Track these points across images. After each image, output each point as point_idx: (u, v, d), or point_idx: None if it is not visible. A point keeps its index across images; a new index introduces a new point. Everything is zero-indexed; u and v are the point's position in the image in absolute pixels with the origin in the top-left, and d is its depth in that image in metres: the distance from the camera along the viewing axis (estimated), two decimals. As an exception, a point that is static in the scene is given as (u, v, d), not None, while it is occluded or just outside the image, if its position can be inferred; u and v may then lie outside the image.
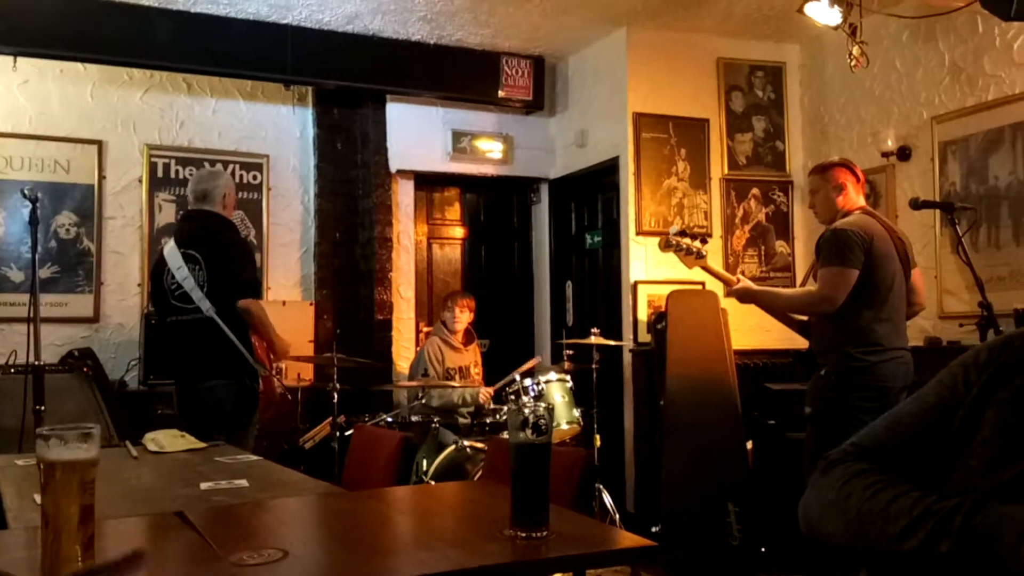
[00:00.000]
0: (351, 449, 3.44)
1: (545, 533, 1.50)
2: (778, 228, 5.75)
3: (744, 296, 3.74)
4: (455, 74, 5.85)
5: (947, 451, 1.22)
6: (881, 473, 1.23)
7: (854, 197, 3.61)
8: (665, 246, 3.68)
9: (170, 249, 4.00)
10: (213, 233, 3.99)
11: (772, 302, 3.80)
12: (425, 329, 5.96)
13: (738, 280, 3.78)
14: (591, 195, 6.14)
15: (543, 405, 1.54)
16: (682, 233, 3.68)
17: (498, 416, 4.67)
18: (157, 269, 4.07)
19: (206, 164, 5.55)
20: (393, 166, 5.92)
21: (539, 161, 6.38)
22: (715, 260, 5.43)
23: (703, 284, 5.27)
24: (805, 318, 3.74)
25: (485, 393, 5.10)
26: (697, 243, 3.68)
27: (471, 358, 5.36)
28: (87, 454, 1.24)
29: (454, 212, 6.55)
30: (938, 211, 4.52)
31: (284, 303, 5.60)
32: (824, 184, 3.63)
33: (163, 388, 4.94)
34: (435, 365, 5.16)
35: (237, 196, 4.75)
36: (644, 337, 5.32)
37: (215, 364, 3.86)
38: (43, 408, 3.65)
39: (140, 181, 5.44)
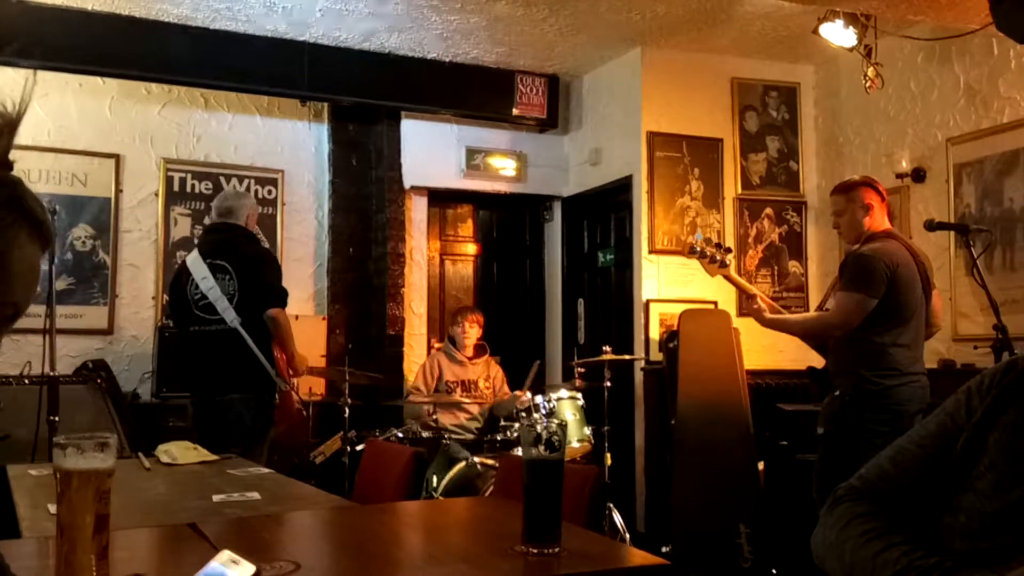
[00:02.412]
0: (362, 464, 3.44)
1: (557, 550, 1.50)
2: (791, 248, 5.74)
3: (758, 321, 3.73)
4: (470, 92, 5.89)
5: (950, 477, 1.24)
6: (879, 519, 1.27)
7: (880, 218, 3.57)
8: (690, 252, 3.69)
9: (194, 259, 4.01)
10: (241, 244, 4.02)
11: (785, 329, 3.80)
12: (436, 345, 5.97)
13: (757, 299, 3.73)
14: (604, 213, 6.15)
15: (556, 421, 1.54)
16: (707, 241, 3.69)
17: (508, 433, 4.67)
18: (179, 279, 4.07)
19: (222, 179, 5.60)
20: (407, 182, 5.95)
21: (552, 179, 6.40)
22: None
23: (715, 303, 5.26)
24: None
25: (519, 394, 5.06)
26: (721, 252, 3.68)
27: (480, 372, 5.35)
28: (103, 464, 1.25)
29: (467, 229, 6.57)
30: (953, 233, 4.50)
31: (297, 317, 5.58)
32: (850, 204, 3.58)
33: (176, 400, 4.96)
34: (425, 381, 5.17)
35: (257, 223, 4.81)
36: (656, 356, 5.31)
37: (236, 377, 3.87)
38: (57, 419, 3.67)
39: (156, 195, 5.49)
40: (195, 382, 4.04)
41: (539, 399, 4.64)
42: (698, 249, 3.66)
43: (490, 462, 4.15)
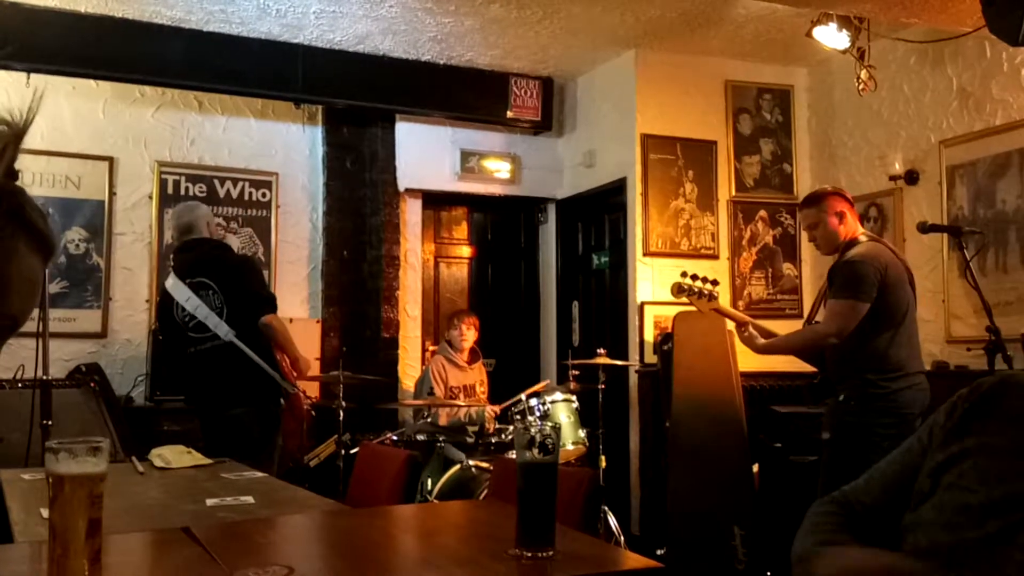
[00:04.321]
0: (356, 467, 3.43)
1: (551, 553, 1.50)
2: (785, 250, 5.75)
3: (748, 346, 3.73)
4: (464, 94, 5.89)
5: (911, 497, 1.28)
6: (836, 518, 1.35)
7: (853, 223, 3.60)
8: (678, 292, 3.68)
9: (173, 283, 3.96)
10: (217, 257, 3.98)
11: (781, 351, 3.80)
12: (431, 348, 5.97)
13: (749, 326, 3.74)
14: (598, 215, 6.15)
15: (550, 424, 1.54)
16: (693, 277, 3.69)
17: (504, 436, 4.67)
18: (164, 306, 4.03)
19: (216, 181, 5.59)
20: (401, 185, 5.95)
21: (547, 181, 6.40)
22: (723, 282, 5.44)
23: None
24: None
25: (490, 412, 5.09)
26: (708, 286, 3.69)
27: (476, 376, 5.36)
28: (96, 468, 1.24)
29: (461, 231, 6.57)
30: (946, 235, 4.52)
31: (291, 320, 5.58)
32: (822, 215, 3.60)
33: (169, 404, 4.95)
34: (439, 383, 5.17)
35: (219, 226, 4.79)
36: (650, 358, 5.31)
37: (239, 391, 3.83)
38: (50, 423, 3.65)
39: (150, 197, 5.47)
40: (201, 400, 4.02)
41: (534, 401, 4.64)
42: (686, 288, 3.67)
43: (484, 465, 4.15)
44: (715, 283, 3.73)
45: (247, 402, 3.84)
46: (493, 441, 4.60)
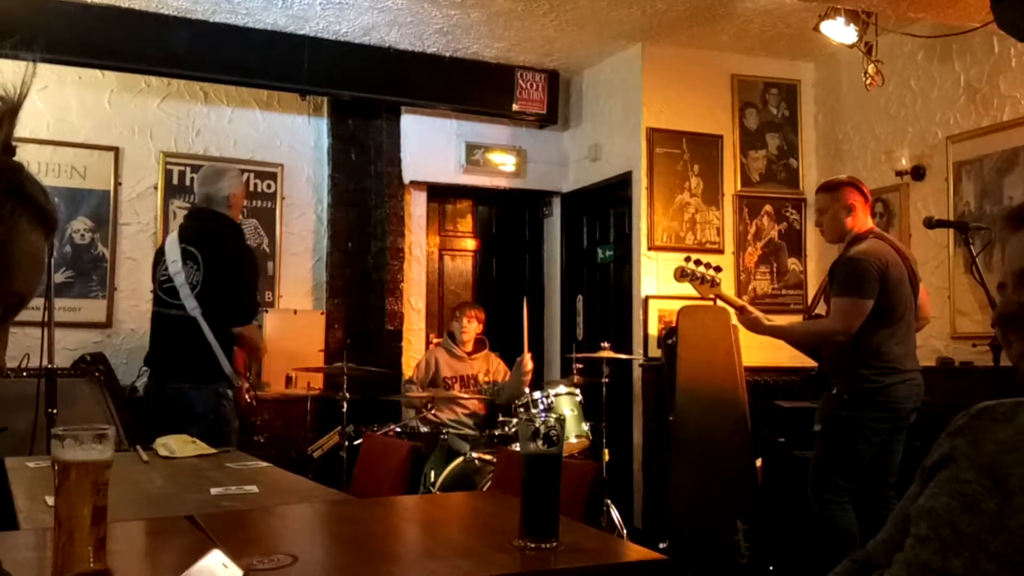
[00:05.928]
0: (360, 458, 3.44)
1: (555, 544, 1.50)
2: (791, 245, 5.74)
3: (751, 328, 3.73)
4: (470, 87, 5.88)
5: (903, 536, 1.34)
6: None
7: (863, 218, 3.60)
8: (681, 276, 3.70)
9: (171, 241, 3.96)
10: (217, 237, 3.91)
11: (785, 336, 3.81)
12: (435, 340, 5.97)
13: (747, 308, 3.75)
14: (603, 209, 6.15)
15: (554, 416, 1.54)
16: (696, 263, 3.70)
17: (507, 428, 4.67)
18: (155, 259, 4.07)
19: (221, 172, 5.58)
20: (406, 177, 5.95)
21: (552, 175, 6.39)
22: (727, 277, 5.44)
23: (714, 300, 5.26)
24: None
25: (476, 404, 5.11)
26: (711, 271, 3.69)
27: (480, 367, 5.35)
28: (101, 455, 1.25)
29: (466, 224, 6.57)
30: (952, 231, 4.51)
31: (295, 312, 5.61)
32: (833, 203, 3.61)
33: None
34: (420, 375, 5.20)
35: (246, 192, 4.71)
36: (654, 352, 5.31)
37: (188, 366, 3.81)
38: (55, 411, 3.66)
39: (155, 188, 5.48)
40: (151, 365, 4.01)
41: (537, 394, 4.65)
42: (688, 272, 3.68)
43: (488, 457, 4.15)
44: (718, 269, 3.74)
45: (192, 378, 3.80)
46: (496, 434, 4.61)
